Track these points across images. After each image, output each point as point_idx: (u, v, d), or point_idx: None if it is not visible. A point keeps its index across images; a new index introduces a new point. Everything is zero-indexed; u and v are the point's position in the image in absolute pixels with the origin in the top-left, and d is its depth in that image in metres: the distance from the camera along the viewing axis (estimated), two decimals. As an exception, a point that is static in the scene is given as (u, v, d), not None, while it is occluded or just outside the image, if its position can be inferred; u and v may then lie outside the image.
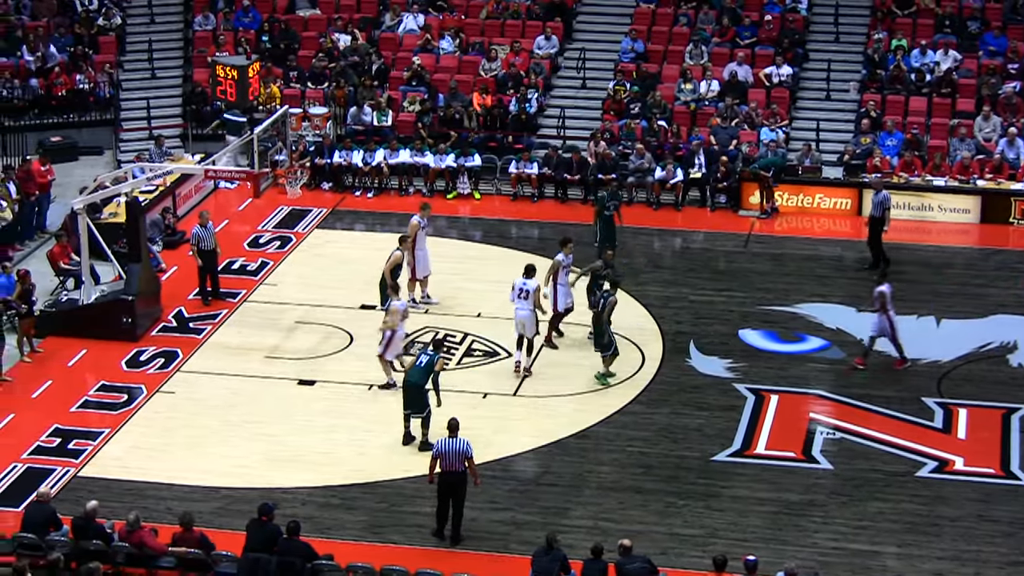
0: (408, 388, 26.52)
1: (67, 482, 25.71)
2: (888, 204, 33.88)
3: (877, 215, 33.80)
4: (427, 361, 26.45)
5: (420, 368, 26.44)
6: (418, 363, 26.55)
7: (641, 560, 21.57)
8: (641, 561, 21.54)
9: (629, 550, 21.58)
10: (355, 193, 38.43)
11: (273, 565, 21.78)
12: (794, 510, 24.86)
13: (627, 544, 21.63)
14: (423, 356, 26.62)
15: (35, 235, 35.74)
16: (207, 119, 41.14)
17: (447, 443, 23.68)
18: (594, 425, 27.51)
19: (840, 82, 41.10)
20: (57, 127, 41.27)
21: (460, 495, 23.83)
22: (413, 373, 26.48)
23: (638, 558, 21.59)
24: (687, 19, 42.79)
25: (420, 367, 26.45)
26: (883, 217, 33.71)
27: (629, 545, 21.63)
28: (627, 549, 21.57)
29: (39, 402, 28.47)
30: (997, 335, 30.72)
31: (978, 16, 41.78)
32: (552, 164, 37.76)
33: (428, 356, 26.54)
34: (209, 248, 31.88)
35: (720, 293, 32.58)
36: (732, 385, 28.70)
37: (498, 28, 43.32)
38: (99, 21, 43.56)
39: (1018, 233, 35.97)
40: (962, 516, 24.70)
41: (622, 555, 21.51)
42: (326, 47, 42.47)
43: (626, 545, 21.61)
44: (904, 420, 27.50)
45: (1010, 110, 38.79)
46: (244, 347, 30.38)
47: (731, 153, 37.75)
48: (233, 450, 26.76)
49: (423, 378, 26.37)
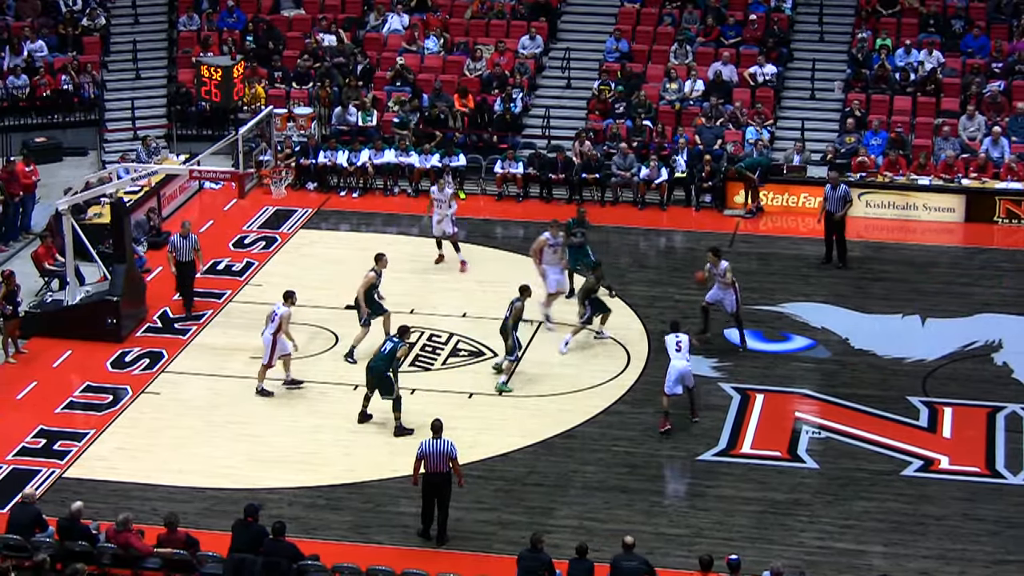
0: (372, 374, 26.84)
1: (52, 483, 25.67)
2: (849, 199, 33.93)
3: (836, 211, 33.79)
4: (390, 348, 26.77)
5: (384, 355, 26.74)
6: (382, 350, 26.85)
7: (639, 561, 21.56)
8: (639, 562, 21.53)
9: (630, 548, 21.57)
10: (340, 193, 38.41)
11: (259, 566, 21.77)
12: (780, 509, 24.89)
13: (629, 541, 21.63)
14: (388, 343, 26.94)
15: (19, 236, 35.67)
16: (192, 119, 41.11)
17: (431, 444, 23.67)
18: (580, 425, 27.51)
19: (825, 81, 41.15)
20: (41, 128, 41.20)
21: (445, 496, 23.82)
22: (376, 359, 26.79)
23: (636, 558, 21.59)
24: (672, 19, 42.81)
25: (384, 354, 26.76)
26: (843, 212, 33.75)
27: (631, 543, 21.63)
28: (628, 546, 21.57)
29: (24, 403, 28.42)
30: (982, 334, 30.76)
31: (962, 15, 41.85)
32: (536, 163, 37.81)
33: (393, 343, 26.85)
34: (185, 260, 31.69)
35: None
36: (718, 384, 28.71)
37: (483, 28, 43.31)
38: (83, 21, 43.48)
39: (1003, 232, 36.03)
40: (948, 515, 24.74)
41: (623, 551, 21.52)
42: (311, 47, 42.43)
43: (627, 542, 21.61)
44: (889, 419, 27.54)
45: (994, 109, 38.85)
46: (229, 348, 30.34)
47: (716, 153, 37.78)
48: (218, 451, 26.74)
49: (386, 365, 26.65)
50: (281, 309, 28.25)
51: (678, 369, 26.72)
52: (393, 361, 26.70)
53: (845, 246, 33.98)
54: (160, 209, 36.11)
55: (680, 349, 26.81)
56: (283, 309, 28.27)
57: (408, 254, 34.22)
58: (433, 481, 23.72)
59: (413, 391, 28.50)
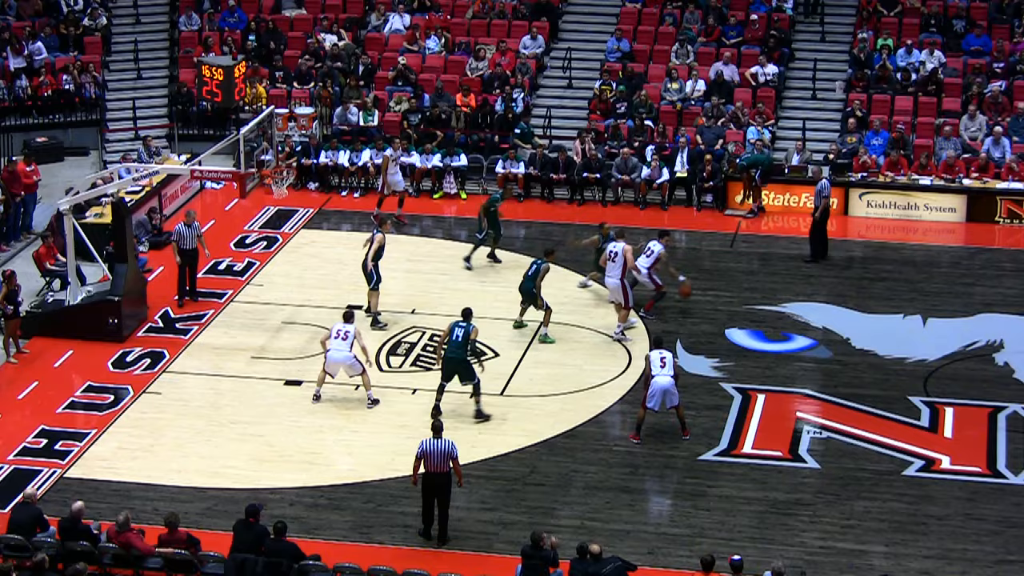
0: (449, 363, 27.15)
1: (54, 483, 25.67)
2: (827, 192, 33.97)
3: (818, 204, 33.86)
4: (463, 333, 27.10)
5: (458, 342, 27.07)
6: (454, 338, 27.09)
7: (613, 561, 21.50)
8: (614, 562, 21.47)
9: (598, 556, 21.47)
10: (341, 193, 38.41)
11: (260, 566, 21.77)
12: (781, 509, 24.88)
13: (596, 550, 21.51)
14: (457, 329, 27.17)
15: (21, 236, 35.68)
16: (193, 119, 41.12)
17: (432, 444, 23.67)
18: (581, 425, 27.51)
19: (826, 81, 41.15)
20: (43, 128, 41.21)
21: (445, 495, 23.82)
22: (451, 349, 27.06)
23: (609, 560, 21.52)
24: (673, 19, 42.82)
25: (457, 341, 27.07)
26: (822, 206, 33.81)
27: (598, 551, 21.52)
28: (596, 555, 21.46)
29: (25, 403, 28.42)
30: (983, 334, 30.76)
31: (963, 15, 41.84)
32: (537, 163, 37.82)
33: (463, 328, 27.16)
34: (188, 248, 31.79)
35: (706, 293, 32.56)
36: (719, 384, 28.71)
37: (484, 28, 43.32)
38: (84, 21, 43.49)
39: (1004, 232, 36.04)
40: (949, 515, 24.73)
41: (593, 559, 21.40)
42: (312, 47, 42.44)
43: (595, 551, 21.49)
44: (891, 419, 27.53)
45: (995, 109, 38.85)
46: (230, 347, 30.35)
47: (717, 153, 37.78)
48: (219, 451, 26.73)
49: (462, 351, 27.02)
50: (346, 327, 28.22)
51: (661, 386, 26.45)
52: (467, 344, 27.07)
53: (822, 240, 34.11)
54: (161, 209, 36.12)
55: (664, 365, 26.51)
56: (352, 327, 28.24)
57: (409, 253, 34.23)
58: (434, 481, 23.72)
59: (414, 391, 28.53)
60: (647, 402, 26.57)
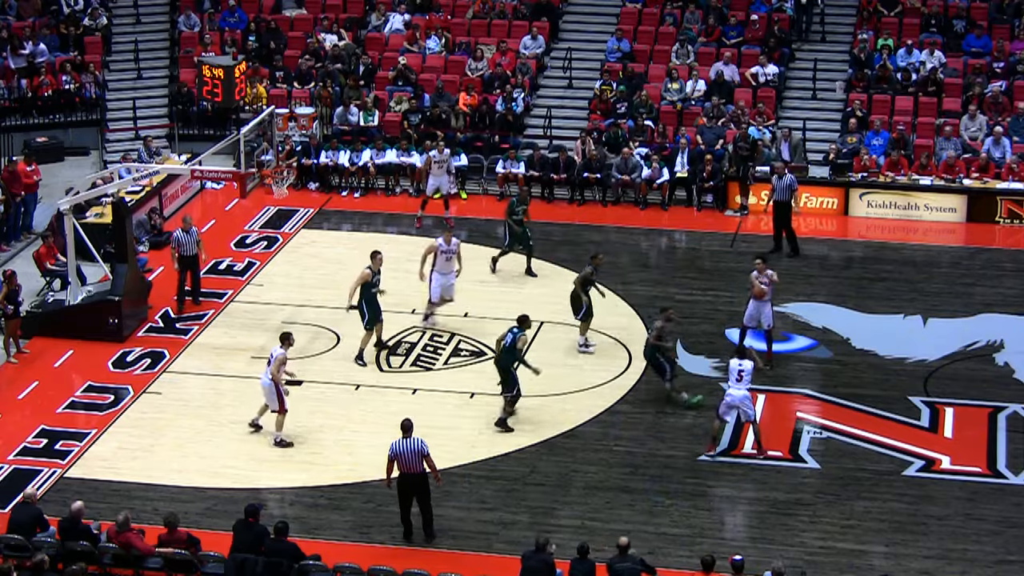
0: (497, 367, 27.14)
1: (54, 483, 25.67)
2: (795, 187, 34.01)
3: (784, 200, 33.88)
4: (512, 340, 26.89)
5: (507, 348, 26.90)
6: (504, 343, 26.94)
7: (633, 561, 21.54)
8: (633, 562, 21.51)
9: (626, 549, 21.54)
10: (342, 193, 38.42)
11: (260, 566, 21.77)
12: (781, 509, 24.88)
13: (624, 542, 21.59)
14: (508, 335, 26.99)
15: (21, 236, 35.68)
16: (193, 119, 41.13)
17: (402, 444, 23.56)
18: (581, 425, 27.51)
19: (826, 81, 41.15)
20: (43, 127, 41.20)
21: (424, 495, 23.76)
22: (502, 354, 26.94)
23: (632, 559, 21.57)
24: (673, 19, 42.82)
25: (507, 347, 26.90)
26: (790, 201, 33.91)
27: (626, 544, 21.59)
28: (623, 547, 21.54)
29: (25, 403, 28.43)
30: (983, 334, 30.76)
31: (964, 15, 41.84)
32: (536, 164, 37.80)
33: (512, 334, 26.95)
34: (189, 254, 31.74)
35: (706, 293, 32.58)
36: (719, 384, 28.69)
37: (484, 28, 43.31)
38: (85, 21, 43.49)
39: (1004, 232, 36.03)
40: (949, 515, 24.73)
41: (618, 553, 21.50)
42: (312, 47, 42.44)
43: (622, 544, 21.57)
44: (891, 419, 27.53)
45: (996, 109, 38.85)
46: (231, 347, 30.35)
47: (717, 153, 37.78)
48: (220, 451, 26.73)
49: (511, 358, 26.89)
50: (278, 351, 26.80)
51: (735, 397, 26.20)
52: (515, 352, 26.87)
53: (794, 235, 34.21)
54: (161, 209, 36.13)
55: (741, 379, 26.16)
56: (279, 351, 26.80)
57: (409, 253, 34.17)
58: (409, 482, 23.62)
59: (415, 391, 28.53)
60: (720, 412, 26.42)
